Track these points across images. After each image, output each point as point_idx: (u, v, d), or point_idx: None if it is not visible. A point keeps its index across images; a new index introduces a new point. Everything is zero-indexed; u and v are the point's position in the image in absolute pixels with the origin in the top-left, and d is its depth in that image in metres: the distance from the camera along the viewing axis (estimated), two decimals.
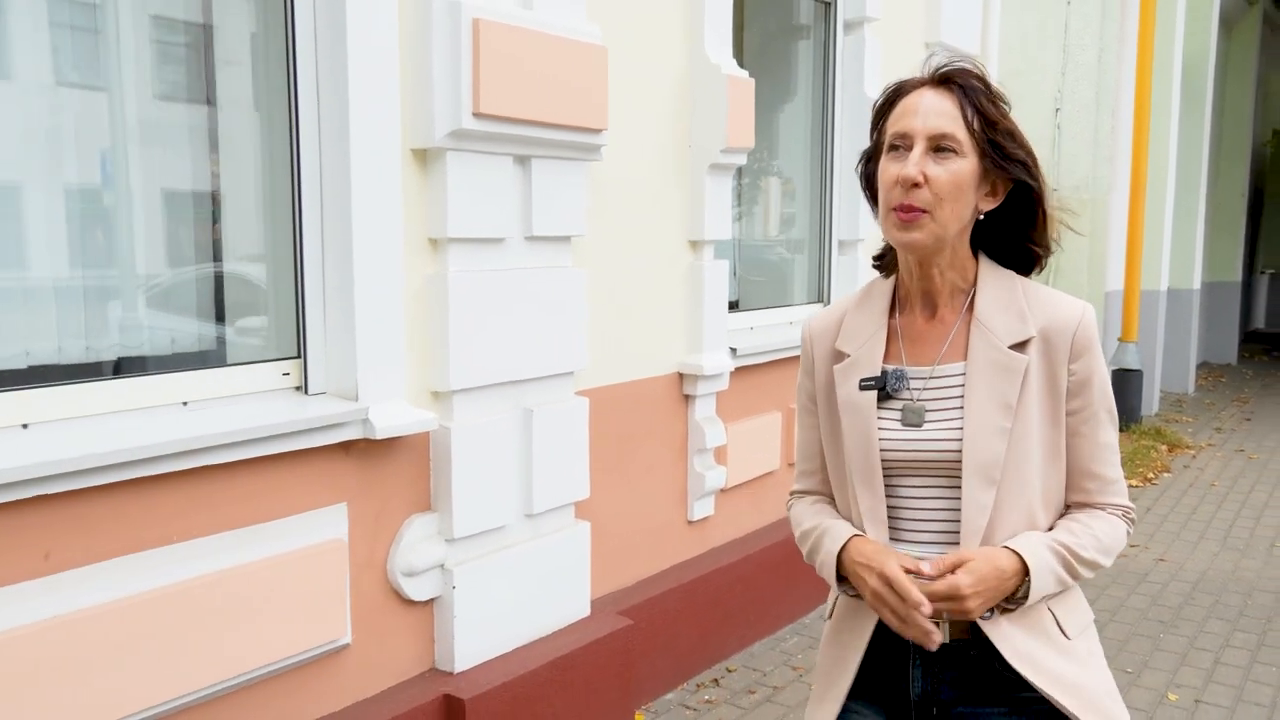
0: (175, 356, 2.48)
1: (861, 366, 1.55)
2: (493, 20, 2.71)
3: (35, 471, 1.98)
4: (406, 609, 2.81)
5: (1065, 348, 1.47)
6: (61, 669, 2.04)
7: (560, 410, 3.14)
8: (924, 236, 1.45)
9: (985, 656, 1.47)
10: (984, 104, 1.47)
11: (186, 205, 2.54)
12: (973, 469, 1.45)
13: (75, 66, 2.31)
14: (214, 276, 2.58)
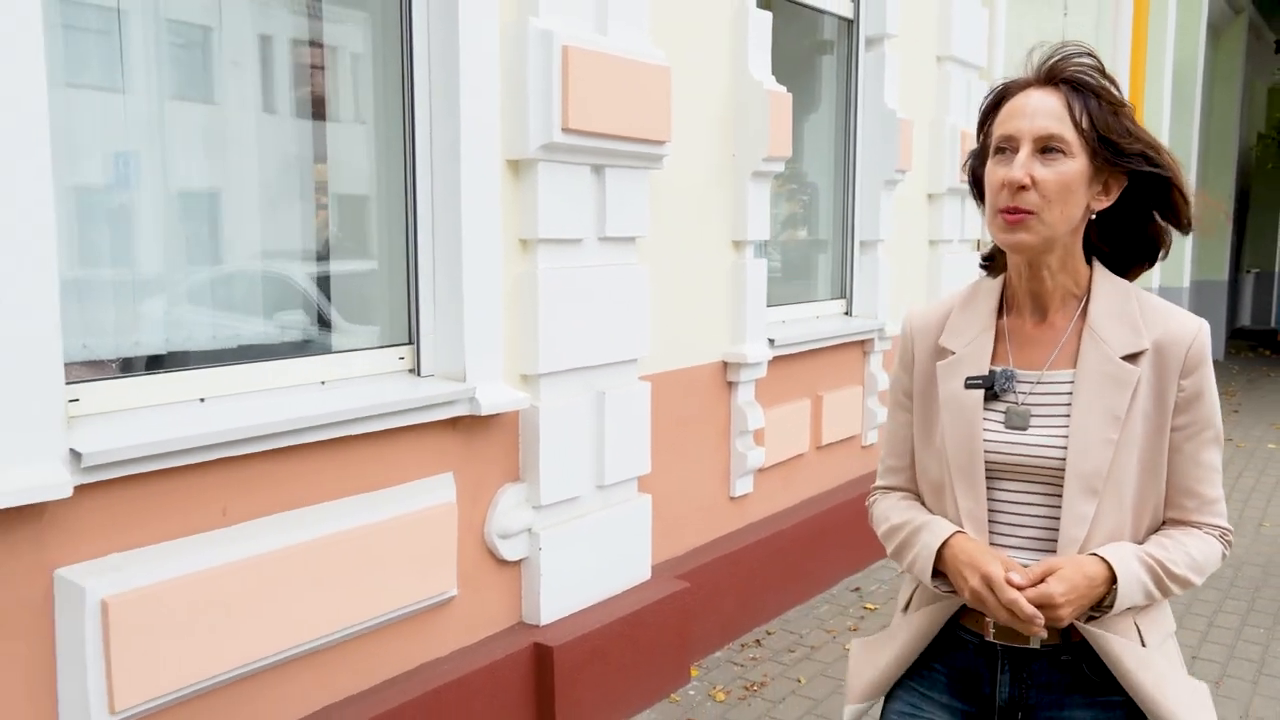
0: (314, 343, 2.83)
1: (967, 365, 1.53)
2: (578, 46, 3.08)
3: (212, 439, 2.33)
4: (499, 568, 3.17)
5: (1178, 363, 1.45)
6: (237, 606, 2.39)
7: (627, 393, 3.50)
8: (1031, 238, 1.44)
9: (1075, 661, 1.48)
10: (1094, 100, 1.43)
11: (314, 212, 2.89)
12: (1075, 479, 1.43)
13: (246, 94, 2.66)
14: (343, 275, 2.93)
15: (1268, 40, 15.21)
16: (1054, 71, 1.45)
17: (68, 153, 2.26)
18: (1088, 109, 1.42)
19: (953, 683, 1.56)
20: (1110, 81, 1.46)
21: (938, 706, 1.57)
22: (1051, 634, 1.45)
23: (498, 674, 3.04)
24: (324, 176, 2.90)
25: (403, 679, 2.86)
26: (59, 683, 2.13)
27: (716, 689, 3.68)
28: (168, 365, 2.46)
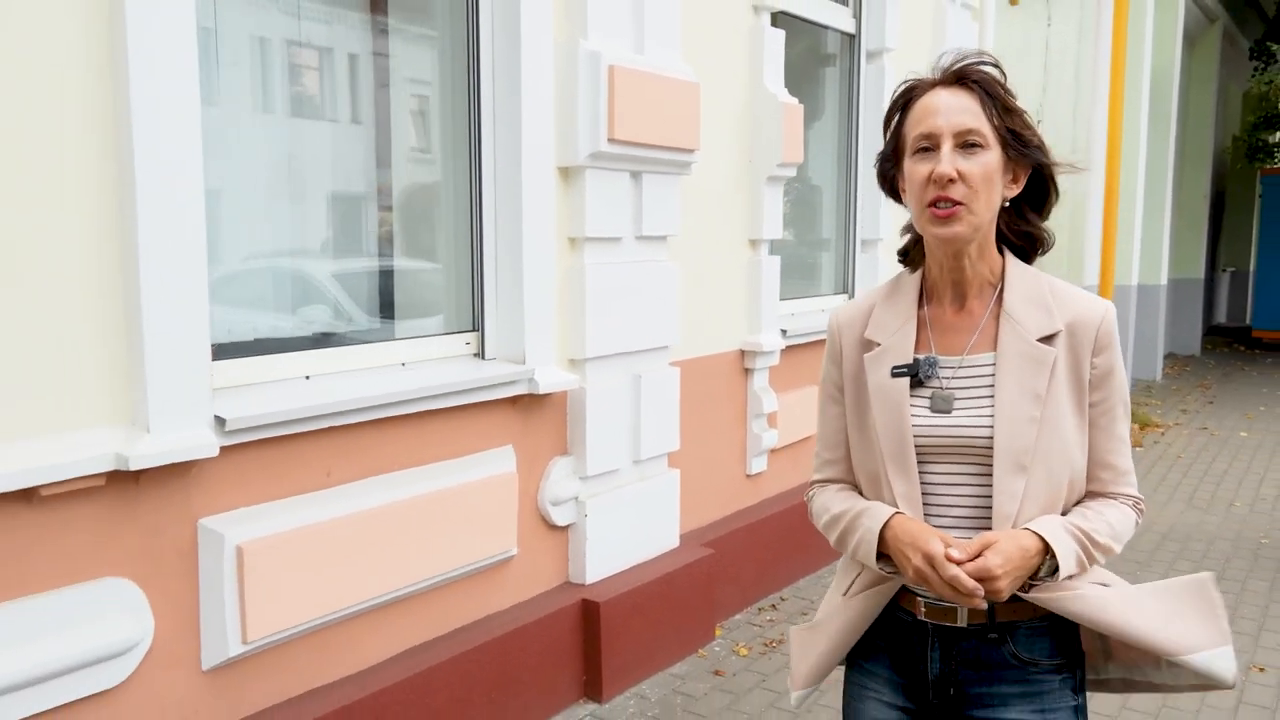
0: (395, 329, 3.19)
1: (893, 355, 1.60)
2: (621, 65, 3.45)
3: (316, 410, 2.68)
4: (550, 532, 3.54)
5: (1089, 342, 1.53)
6: (340, 556, 2.75)
7: (659, 377, 3.88)
8: (964, 229, 1.50)
9: (1000, 639, 1.55)
10: (1001, 97, 1.53)
11: (399, 215, 3.26)
12: (1004, 456, 1.49)
13: (340, 110, 3.02)
14: (418, 270, 3.30)
15: (1241, 46, 15.72)
16: (964, 73, 1.54)
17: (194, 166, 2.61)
18: (996, 106, 1.52)
19: (894, 659, 1.64)
20: (1006, 85, 1.56)
21: (883, 681, 1.65)
22: (978, 614, 1.53)
23: (552, 626, 3.41)
24: (405, 183, 3.26)
25: (471, 627, 3.23)
26: (201, 615, 2.48)
27: (739, 645, 4.06)
28: (278, 349, 2.81)
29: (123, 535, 2.32)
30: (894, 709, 1.63)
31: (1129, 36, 9.61)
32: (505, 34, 3.24)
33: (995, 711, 1.55)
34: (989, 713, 1.55)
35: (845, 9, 5.40)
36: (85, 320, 2.22)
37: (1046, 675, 1.54)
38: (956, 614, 1.53)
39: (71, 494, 2.20)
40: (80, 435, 2.21)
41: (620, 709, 3.51)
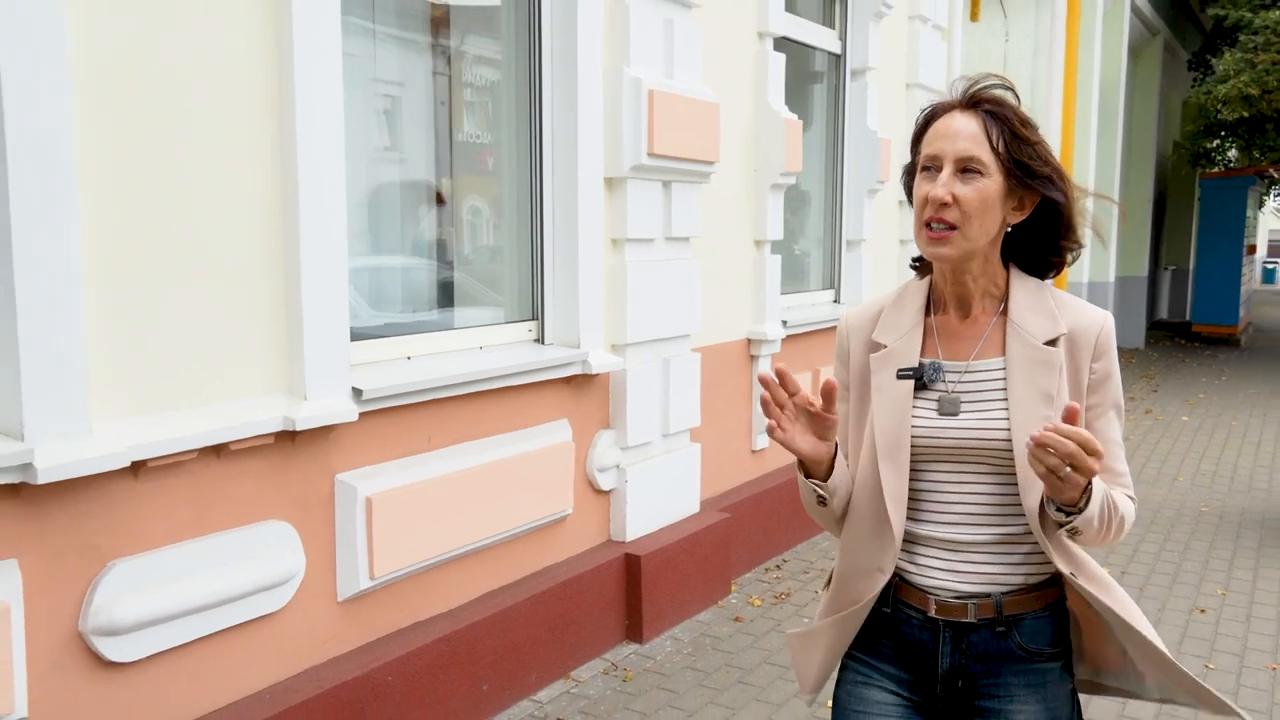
0: (474, 315, 3.70)
1: (898, 358, 1.64)
2: (658, 89, 3.97)
3: (417, 386, 3.17)
4: (596, 495, 4.06)
5: (1089, 347, 1.57)
6: (439, 510, 3.24)
7: (684, 361, 4.41)
8: (952, 251, 1.55)
9: (1008, 632, 1.59)
10: (1008, 126, 1.55)
11: (474, 220, 3.75)
12: (1022, 456, 1.51)
13: (440, 125, 3.52)
14: (489, 266, 3.80)
15: (1181, 58, 16.65)
16: (975, 98, 1.58)
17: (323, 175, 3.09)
18: (1002, 134, 1.54)
19: (899, 655, 1.67)
20: (1022, 114, 1.59)
21: (886, 676, 1.68)
22: (986, 607, 1.59)
23: (601, 576, 3.92)
24: (479, 193, 3.76)
25: (536, 575, 3.73)
26: (337, 554, 2.97)
27: (753, 598, 4.61)
28: (384, 333, 3.30)
29: (283, 485, 2.80)
30: (898, 697, 1.67)
31: (1080, 51, 10.36)
32: (564, 63, 3.75)
33: (1002, 703, 1.60)
34: (996, 704, 1.60)
35: (832, 32, 5.98)
36: (260, 309, 2.70)
37: (1048, 664, 1.61)
38: (967, 609, 1.59)
39: (249, 449, 2.68)
40: (256, 401, 2.70)
41: (658, 648, 4.04)
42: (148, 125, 2.42)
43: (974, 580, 1.59)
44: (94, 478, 2.33)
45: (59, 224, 2.21)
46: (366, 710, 2.96)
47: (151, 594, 2.46)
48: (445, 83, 3.63)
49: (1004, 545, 1.59)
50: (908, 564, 1.64)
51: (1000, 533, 1.58)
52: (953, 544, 1.60)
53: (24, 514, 2.24)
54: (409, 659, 3.10)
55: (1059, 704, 1.61)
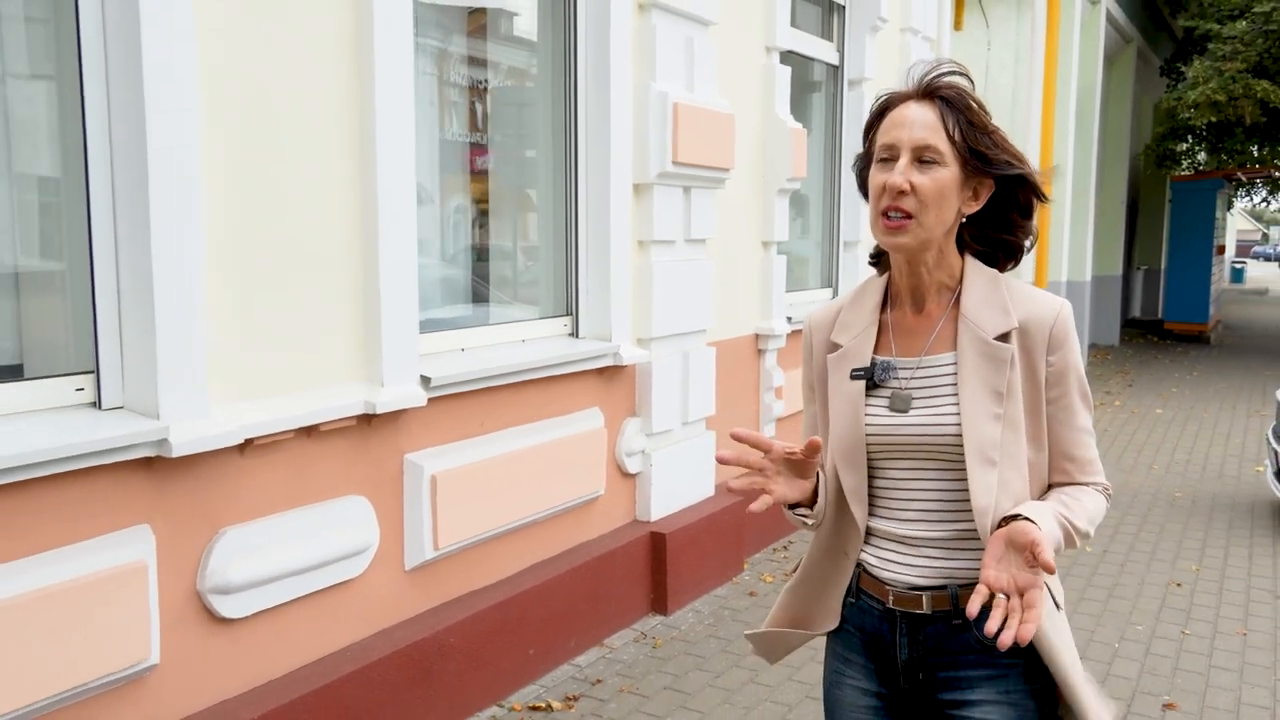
0: (515, 311, 4.00)
1: (852, 357, 1.65)
2: (682, 102, 4.30)
3: (473, 375, 3.47)
4: (624, 478, 4.38)
5: (1044, 340, 1.56)
6: (490, 487, 3.55)
7: (701, 355, 4.73)
8: (909, 239, 1.55)
9: (964, 625, 1.57)
10: (964, 114, 1.54)
11: (514, 223, 4.06)
12: (973, 452, 1.53)
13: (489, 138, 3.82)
14: (527, 264, 4.11)
15: (1153, 65, 17.17)
16: (930, 87, 1.56)
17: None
18: (959, 123, 1.53)
19: (865, 644, 1.69)
20: (977, 100, 1.58)
21: (858, 668, 1.71)
22: (942, 600, 1.58)
23: (630, 552, 4.24)
24: (518, 199, 4.07)
25: (571, 551, 4.05)
26: (405, 527, 3.27)
27: (764, 575, 4.94)
28: (441, 327, 3.60)
29: (361, 463, 3.10)
30: (869, 694, 1.69)
31: (1059, 58, 10.77)
32: (597, 79, 4.06)
33: (962, 694, 1.60)
34: (956, 695, 1.60)
35: (831, 44, 6.32)
36: (344, 306, 3.00)
37: (1010, 659, 1.57)
38: (922, 601, 1.59)
39: (336, 431, 2.98)
40: (340, 388, 3.00)
41: (682, 619, 4.36)
42: (252, 142, 2.72)
43: (930, 574, 1.59)
44: (210, 454, 2.62)
45: (187, 237, 2.50)
46: (432, 669, 3.26)
47: (256, 558, 2.76)
48: (487, 96, 3.94)
49: (960, 540, 1.59)
50: (869, 555, 1.66)
51: (955, 528, 1.58)
52: (909, 539, 1.61)
53: (154, 484, 2.53)
54: (467, 623, 3.41)
55: (1019, 697, 1.58)
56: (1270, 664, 4.02)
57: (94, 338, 2.49)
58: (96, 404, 2.50)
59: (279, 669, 2.89)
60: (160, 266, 2.45)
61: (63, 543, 2.35)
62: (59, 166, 2.49)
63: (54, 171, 2.50)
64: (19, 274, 2.48)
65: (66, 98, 2.45)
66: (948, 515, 1.59)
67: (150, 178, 2.41)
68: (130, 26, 2.39)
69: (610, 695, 3.64)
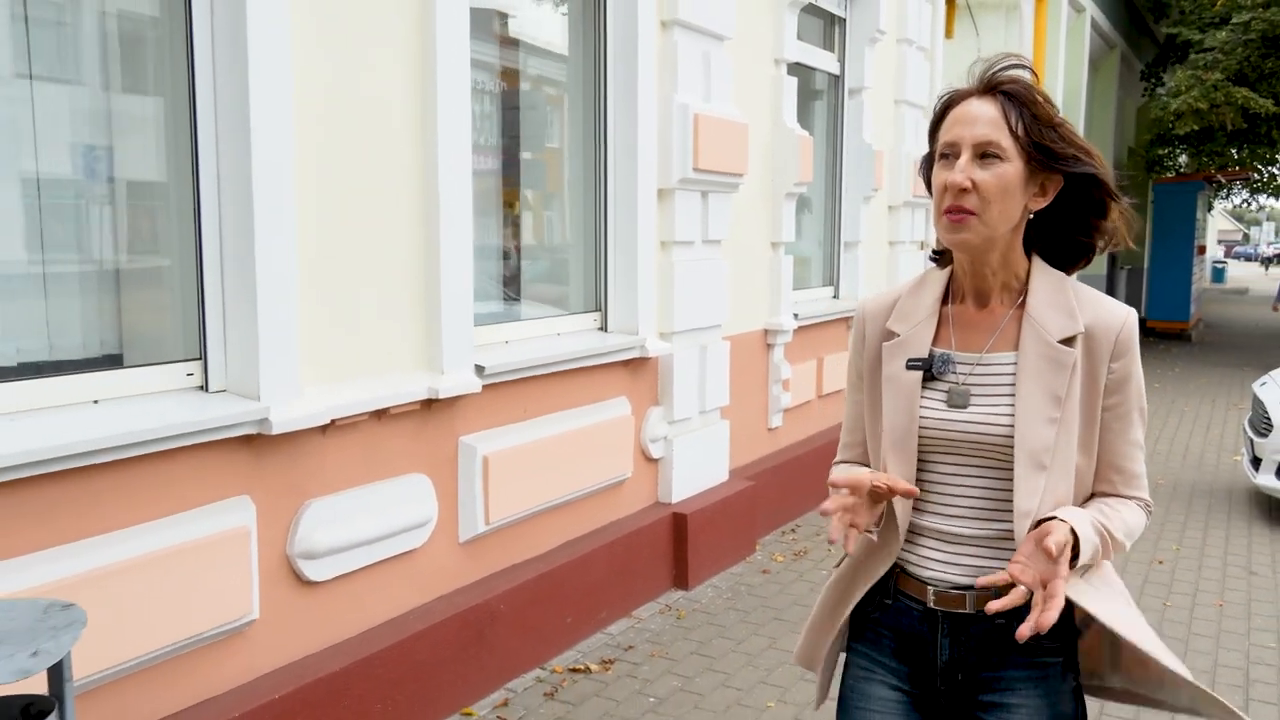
0: (549, 306, 4.32)
1: (910, 347, 1.62)
2: (701, 113, 4.62)
3: (519, 365, 3.78)
4: (648, 462, 4.70)
5: (1109, 347, 1.52)
6: (532, 468, 3.87)
7: (716, 348, 5.06)
8: (972, 236, 1.51)
9: (1008, 624, 1.54)
10: (1028, 108, 1.50)
11: (549, 225, 4.38)
12: (1024, 455, 1.50)
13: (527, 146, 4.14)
14: (560, 263, 4.42)
15: (1136, 69, 17.61)
16: (991, 82, 1.53)
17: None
18: (1022, 117, 1.50)
19: (899, 646, 1.65)
20: (1042, 94, 1.54)
21: (887, 670, 1.67)
22: (985, 599, 1.53)
23: (654, 531, 4.57)
24: (553, 203, 4.38)
25: (602, 529, 4.37)
26: (459, 503, 3.59)
27: (775, 554, 5.28)
28: (487, 321, 3.91)
29: (423, 444, 3.41)
30: (899, 691, 1.66)
31: (1045, 64, 11.15)
32: (625, 92, 4.39)
33: (1002, 696, 1.57)
34: (996, 697, 1.58)
35: (832, 55, 6.66)
36: (410, 302, 3.32)
37: (1049, 659, 1.57)
38: (965, 600, 1.57)
39: (403, 414, 3.30)
40: (407, 375, 3.31)
41: (702, 594, 4.69)
42: (333, 157, 3.03)
43: (973, 573, 1.56)
44: (299, 432, 2.93)
45: (283, 241, 2.81)
46: (485, 632, 3.58)
47: (336, 528, 3.06)
48: (523, 108, 4.25)
49: (1004, 540, 1.56)
50: (909, 554, 1.63)
51: (1001, 528, 1.56)
52: (953, 536, 1.59)
53: (254, 459, 2.84)
54: (514, 592, 3.72)
55: (1061, 699, 1.58)
56: (1244, 631, 4.38)
57: (202, 328, 2.80)
58: (204, 387, 2.81)
59: (355, 628, 3.20)
60: (262, 266, 2.76)
61: (179, 509, 2.66)
62: (172, 176, 2.80)
63: (167, 180, 2.80)
64: (138, 272, 2.79)
65: (179, 115, 2.76)
66: (994, 514, 1.56)
67: (254, 188, 2.72)
68: (239, 57, 2.69)
69: (642, 659, 3.96)
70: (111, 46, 2.72)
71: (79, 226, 2.67)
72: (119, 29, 2.73)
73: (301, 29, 2.88)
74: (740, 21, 5.15)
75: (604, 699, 3.63)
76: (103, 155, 2.70)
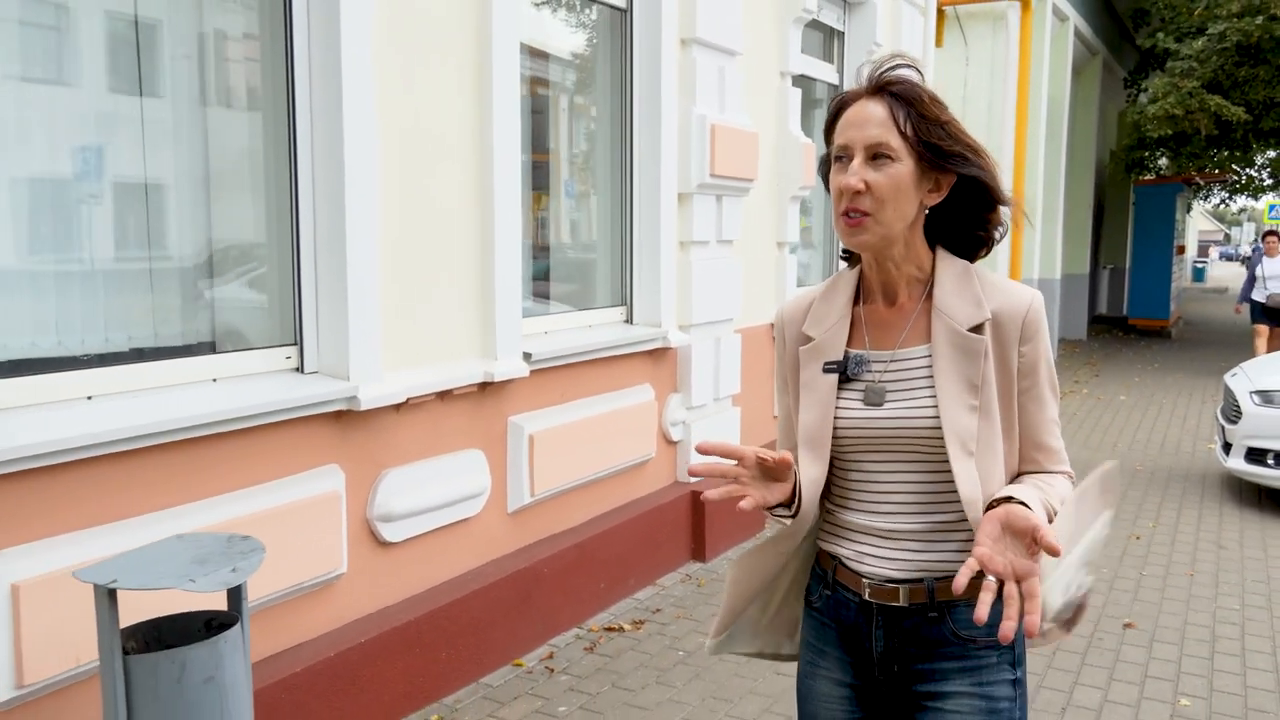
0: (578, 300, 4.72)
1: (825, 350, 1.63)
2: (717, 123, 5.03)
3: (559, 353, 4.18)
4: (668, 445, 5.11)
5: (1016, 331, 1.55)
6: (569, 448, 4.27)
7: (729, 340, 5.47)
8: (870, 237, 1.54)
9: (940, 617, 1.58)
10: (915, 107, 1.52)
11: (580, 226, 4.78)
12: (953, 443, 1.52)
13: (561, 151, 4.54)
14: (588, 260, 4.83)
15: (1118, 75, 18.14)
16: (879, 83, 1.54)
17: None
18: (910, 116, 1.51)
19: (841, 637, 1.68)
20: (928, 93, 1.54)
21: (833, 660, 1.70)
22: (918, 593, 1.57)
23: (674, 508, 4.97)
24: (582, 205, 4.79)
25: (628, 505, 4.77)
26: (508, 476, 3.98)
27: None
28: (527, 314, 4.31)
29: (479, 423, 3.81)
30: (843, 685, 1.69)
31: (1030, 71, 11.62)
32: (649, 104, 4.79)
33: (936, 685, 1.60)
34: (931, 686, 1.61)
35: (831, 66, 7.09)
36: (469, 296, 3.72)
37: (984, 651, 1.58)
38: (899, 594, 1.59)
39: (463, 395, 3.69)
40: (466, 361, 3.71)
41: (718, 566, 5.10)
42: (408, 165, 3.43)
43: (906, 567, 1.59)
44: (379, 409, 3.33)
45: (370, 241, 3.21)
46: (531, 593, 3.98)
47: (407, 495, 3.46)
48: (557, 119, 4.66)
49: (936, 533, 1.58)
50: (845, 549, 1.65)
51: (932, 521, 1.58)
52: (886, 532, 1.60)
53: (341, 433, 3.23)
54: (555, 558, 4.12)
55: (995, 687, 1.59)
56: (1212, 596, 4.82)
57: (298, 318, 3.19)
58: (300, 369, 3.20)
59: (422, 585, 3.60)
60: (351, 267, 3.15)
61: (285, 474, 3.05)
62: (273, 182, 3.19)
63: (270, 186, 3.19)
64: (246, 271, 3.18)
65: (278, 127, 3.15)
66: (924, 508, 1.59)
67: (346, 193, 3.12)
68: (332, 77, 3.09)
69: (669, 620, 4.37)
70: (221, 67, 3.10)
71: (202, 231, 3.06)
72: (226, 52, 3.12)
73: (384, 69, 3.28)
74: (750, 38, 5.57)
75: (638, 653, 4.04)
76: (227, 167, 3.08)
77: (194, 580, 1.87)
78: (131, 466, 2.63)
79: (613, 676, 3.82)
